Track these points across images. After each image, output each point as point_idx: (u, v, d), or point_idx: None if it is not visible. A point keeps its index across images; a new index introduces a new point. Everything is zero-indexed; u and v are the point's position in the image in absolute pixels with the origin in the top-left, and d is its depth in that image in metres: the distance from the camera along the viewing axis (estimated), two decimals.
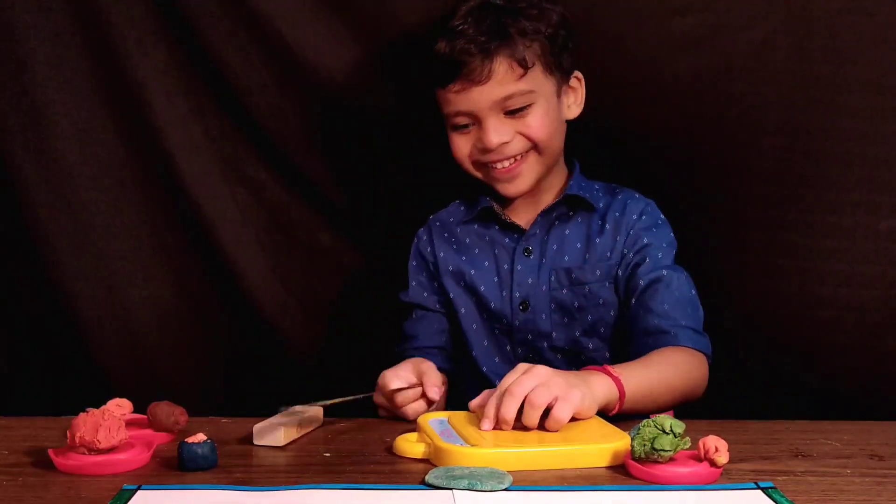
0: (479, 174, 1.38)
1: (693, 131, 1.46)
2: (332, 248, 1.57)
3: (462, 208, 1.45)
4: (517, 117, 1.32)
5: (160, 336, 1.56)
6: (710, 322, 1.45)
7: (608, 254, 1.37)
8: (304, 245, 1.57)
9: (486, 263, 1.41)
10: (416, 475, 0.97)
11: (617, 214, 1.38)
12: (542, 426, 1.05)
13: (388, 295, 1.53)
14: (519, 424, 1.05)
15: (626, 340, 1.34)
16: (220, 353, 1.59)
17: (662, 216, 1.41)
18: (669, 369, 1.24)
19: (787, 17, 1.39)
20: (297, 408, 1.15)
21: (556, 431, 1.04)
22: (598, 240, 1.37)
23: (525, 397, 1.04)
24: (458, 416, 1.10)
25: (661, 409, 1.21)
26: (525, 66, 1.30)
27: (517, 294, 1.38)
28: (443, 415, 1.12)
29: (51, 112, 1.47)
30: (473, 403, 1.11)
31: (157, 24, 1.47)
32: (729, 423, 1.17)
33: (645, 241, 1.36)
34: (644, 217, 1.38)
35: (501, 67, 1.29)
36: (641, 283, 1.33)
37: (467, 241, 1.43)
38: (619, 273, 1.36)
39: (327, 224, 1.56)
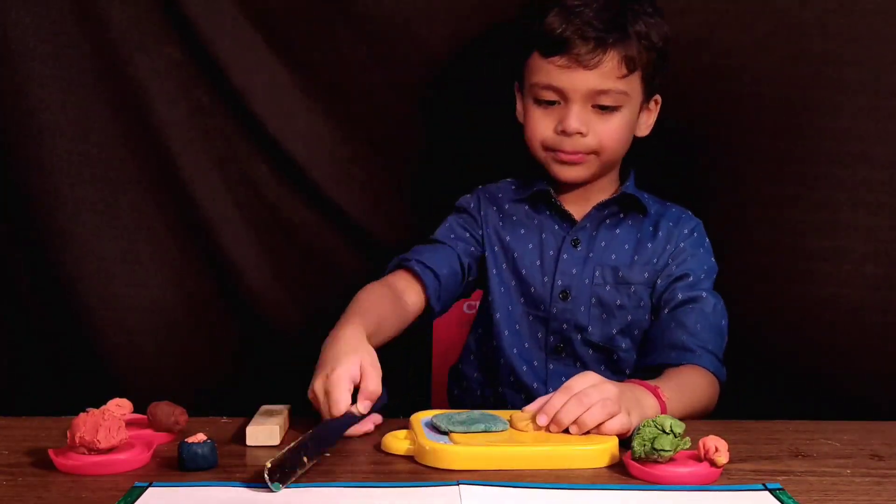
0: (540, 154, 1.36)
1: (693, 131, 1.46)
2: (332, 248, 1.57)
3: (513, 187, 1.44)
4: (602, 114, 1.32)
5: (160, 336, 1.56)
6: None
7: (655, 259, 1.38)
8: (304, 245, 1.56)
9: (531, 246, 1.40)
10: (416, 474, 0.97)
11: (671, 224, 1.39)
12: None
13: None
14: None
15: (648, 345, 1.35)
16: (220, 353, 1.59)
17: (708, 240, 1.42)
18: (698, 394, 1.27)
19: (785, 18, 1.40)
20: (271, 407, 1.16)
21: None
22: (649, 245, 1.38)
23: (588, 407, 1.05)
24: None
25: None
26: (631, 69, 1.30)
27: (559, 282, 1.37)
28: (437, 413, 1.11)
29: (51, 112, 1.47)
30: (531, 408, 1.09)
31: (157, 24, 1.47)
32: (729, 423, 1.17)
33: (689, 258, 1.38)
34: (695, 235, 1.40)
35: (611, 61, 1.29)
36: (679, 296, 1.35)
37: (514, 218, 1.42)
38: (659, 282, 1.37)
39: (327, 224, 1.56)
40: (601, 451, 1.00)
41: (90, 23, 1.46)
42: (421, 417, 1.10)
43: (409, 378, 1.60)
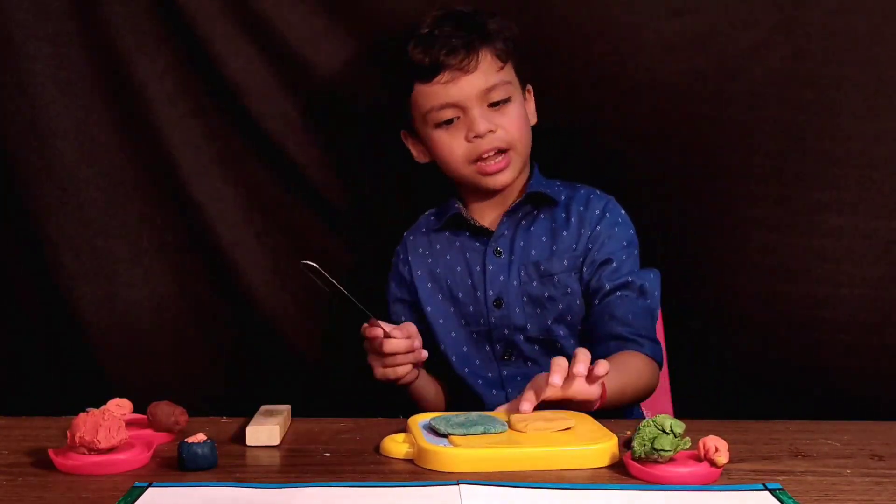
0: (465, 171, 1.40)
1: (692, 131, 1.47)
2: (331, 248, 1.57)
3: (432, 218, 1.50)
4: (498, 111, 1.38)
5: (160, 336, 1.56)
6: (710, 322, 1.45)
7: (574, 246, 1.41)
8: (303, 245, 1.56)
9: (459, 269, 1.45)
10: (416, 475, 0.97)
11: (581, 208, 1.43)
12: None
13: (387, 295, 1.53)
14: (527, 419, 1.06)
15: (589, 337, 1.39)
16: (220, 353, 1.59)
17: (623, 213, 1.44)
18: (636, 375, 1.32)
19: (784, 18, 1.40)
20: (271, 407, 1.16)
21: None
22: (564, 232, 1.42)
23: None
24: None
25: (623, 407, 1.30)
26: (504, 60, 1.38)
27: (490, 293, 1.42)
28: (434, 415, 1.10)
29: (51, 112, 1.48)
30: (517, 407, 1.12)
31: (157, 24, 1.47)
32: (729, 423, 1.17)
33: (607, 239, 1.41)
34: (607, 215, 1.42)
35: (486, 59, 1.37)
36: (606, 286, 1.39)
37: (438, 247, 1.47)
38: (585, 269, 1.40)
39: (327, 224, 1.56)
40: (601, 450, 1.00)
41: (90, 23, 1.46)
42: (418, 420, 1.09)
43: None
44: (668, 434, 0.94)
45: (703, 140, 1.46)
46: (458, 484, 0.93)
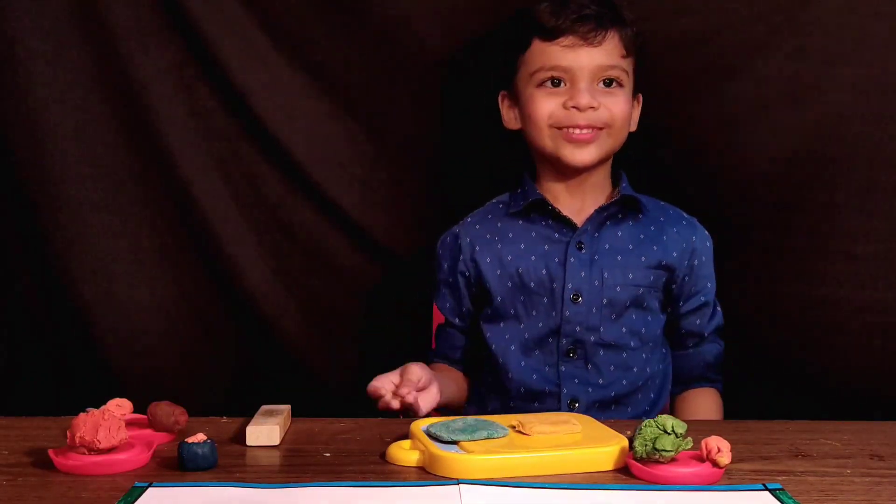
0: (548, 135, 1.37)
1: (693, 131, 1.47)
2: (332, 249, 1.57)
3: (500, 206, 1.45)
4: (607, 91, 1.35)
5: (160, 336, 1.56)
6: None
7: (661, 262, 1.39)
8: (304, 245, 1.56)
9: (534, 258, 1.39)
10: (416, 475, 0.97)
11: (675, 230, 1.42)
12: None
13: (388, 295, 1.52)
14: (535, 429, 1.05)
15: (678, 372, 1.45)
16: (221, 353, 1.59)
17: (708, 236, 1.45)
18: (718, 414, 1.44)
19: (786, 18, 1.40)
20: (271, 407, 1.16)
21: None
22: (654, 247, 1.39)
23: None
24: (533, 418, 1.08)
25: None
26: (628, 51, 1.36)
27: (570, 286, 1.37)
28: (431, 421, 1.09)
29: (51, 112, 1.47)
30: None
31: (157, 24, 1.47)
32: (729, 423, 1.17)
33: (708, 279, 1.44)
34: (707, 244, 1.43)
35: (612, 39, 1.35)
36: (705, 333, 1.45)
37: (510, 235, 1.42)
38: (682, 305, 1.42)
39: (328, 224, 1.56)
40: (616, 452, 0.99)
41: (90, 23, 1.46)
42: (420, 426, 1.08)
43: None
44: (669, 434, 0.94)
45: (703, 140, 1.46)
46: (457, 484, 0.93)
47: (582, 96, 1.33)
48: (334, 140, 1.53)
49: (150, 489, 0.91)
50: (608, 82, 1.35)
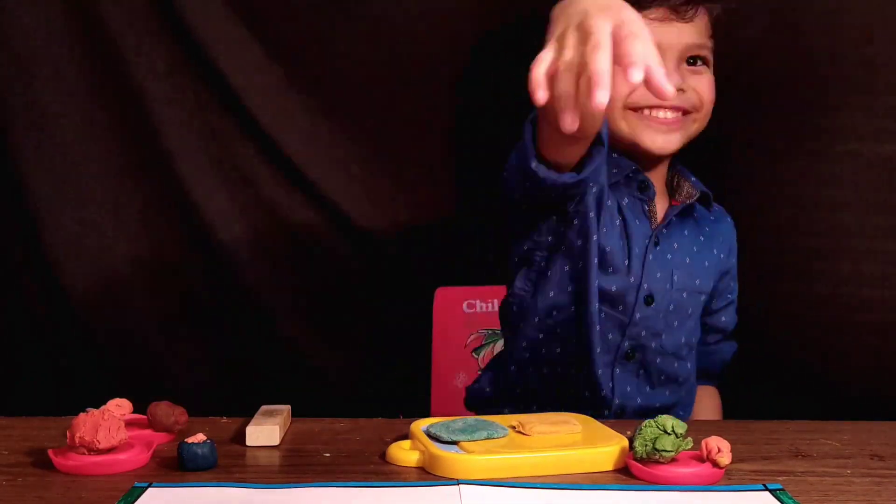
0: (622, 122, 1.23)
1: None
2: (332, 249, 1.57)
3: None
4: (695, 70, 1.25)
5: (160, 336, 1.56)
6: None
7: (718, 265, 1.36)
8: (303, 245, 1.57)
9: (622, 242, 1.23)
10: (416, 475, 0.97)
11: (725, 228, 1.38)
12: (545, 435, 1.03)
13: (388, 295, 1.52)
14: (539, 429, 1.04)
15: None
16: (220, 353, 1.59)
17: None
18: (715, 416, 1.42)
19: (783, 16, 1.40)
20: (271, 407, 1.16)
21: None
22: (714, 250, 1.33)
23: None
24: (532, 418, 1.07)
25: None
26: (715, 32, 1.26)
27: (646, 285, 1.24)
28: (430, 422, 1.08)
29: (51, 112, 1.48)
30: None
31: (157, 24, 1.47)
32: (729, 423, 1.17)
33: (734, 277, 1.41)
34: (735, 240, 1.40)
35: (703, 17, 1.24)
36: (730, 328, 1.44)
37: (609, 203, 1.21)
38: (713, 304, 1.40)
39: (326, 224, 1.56)
40: (618, 451, 0.99)
41: (90, 23, 1.46)
42: (420, 426, 1.08)
43: (408, 379, 1.60)
44: (669, 434, 0.94)
45: (702, 139, 1.46)
46: (457, 484, 0.93)
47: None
48: (333, 140, 1.53)
49: (149, 489, 0.91)
50: (693, 60, 1.24)
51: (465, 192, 1.50)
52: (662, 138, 1.23)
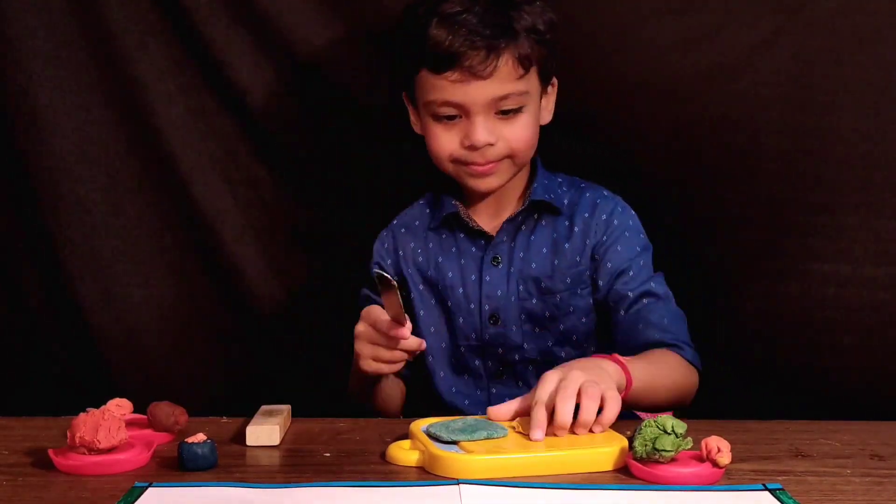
0: (450, 169, 1.31)
1: (693, 131, 1.46)
2: (332, 249, 1.57)
3: (427, 210, 1.39)
4: (506, 119, 1.27)
5: (160, 336, 1.56)
6: (711, 322, 1.45)
7: (577, 258, 1.33)
8: (303, 245, 1.57)
9: (451, 275, 1.34)
10: (416, 475, 0.97)
11: (586, 215, 1.33)
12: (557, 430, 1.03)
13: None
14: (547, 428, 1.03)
15: (622, 350, 1.24)
16: (220, 352, 1.59)
17: (633, 215, 1.36)
18: (669, 371, 1.25)
19: (786, 17, 1.39)
20: (271, 407, 1.16)
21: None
22: (566, 245, 1.32)
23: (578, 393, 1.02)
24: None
25: (656, 408, 1.23)
26: (527, 67, 1.26)
27: (486, 307, 1.32)
28: (430, 422, 1.08)
29: (51, 112, 1.47)
30: (497, 412, 1.08)
31: (157, 23, 1.47)
32: (729, 423, 1.17)
33: (620, 248, 1.32)
34: (615, 221, 1.34)
35: (507, 64, 1.24)
36: (630, 294, 1.31)
37: (431, 245, 1.36)
38: (600, 283, 1.32)
39: (328, 224, 1.56)
40: (618, 452, 0.99)
41: (90, 23, 1.46)
42: (420, 426, 1.08)
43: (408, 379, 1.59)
44: (669, 434, 0.94)
45: (704, 140, 1.46)
46: (457, 484, 0.93)
47: (478, 134, 1.25)
48: (333, 140, 1.53)
49: (149, 489, 0.91)
50: (505, 112, 1.26)
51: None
52: (483, 183, 1.31)
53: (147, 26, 1.47)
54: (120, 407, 1.10)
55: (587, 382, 1.04)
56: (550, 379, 1.06)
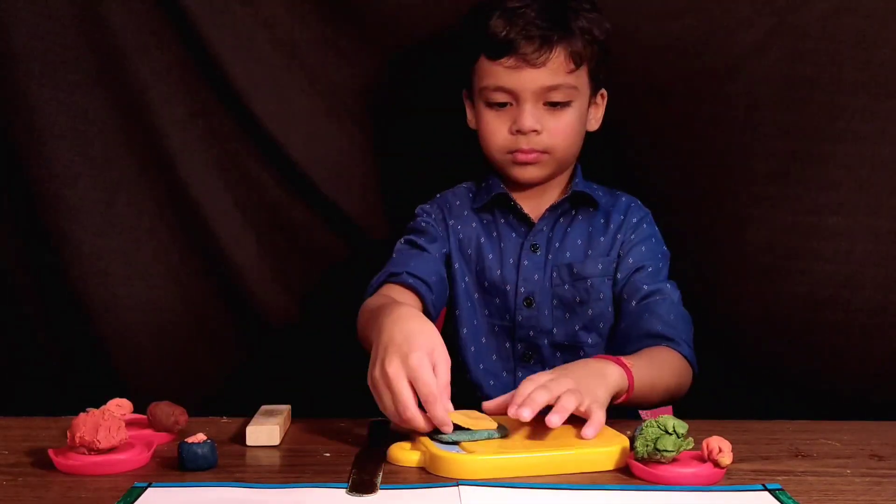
0: (498, 157, 1.37)
1: (692, 132, 1.46)
2: (332, 249, 1.57)
3: (470, 194, 1.45)
4: (553, 111, 1.34)
5: (160, 336, 1.56)
6: (711, 322, 1.45)
7: (608, 251, 1.39)
8: (304, 245, 1.56)
9: (491, 256, 1.40)
10: (416, 475, 0.97)
11: (621, 217, 1.40)
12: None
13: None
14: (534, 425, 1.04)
15: (624, 337, 1.35)
16: (220, 352, 1.59)
17: (657, 229, 1.43)
18: (669, 370, 1.28)
19: (783, 19, 1.40)
20: (271, 407, 1.16)
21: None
22: (601, 238, 1.39)
23: (557, 399, 1.04)
24: (456, 416, 1.08)
25: (655, 405, 1.28)
26: (578, 63, 1.33)
27: (523, 289, 1.38)
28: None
29: (50, 112, 1.47)
30: (491, 405, 1.10)
31: (157, 24, 1.47)
32: (729, 423, 1.17)
33: (643, 248, 1.39)
34: (644, 226, 1.41)
35: (559, 57, 1.31)
36: (644, 287, 1.36)
37: (474, 225, 1.42)
38: (618, 276, 1.38)
39: (327, 224, 1.56)
40: (620, 451, 0.99)
41: (90, 23, 1.46)
42: None
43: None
44: (670, 434, 0.94)
45: (703, 141, 1.46)
46: (457, 485, 0.93)
47: (525, 119, 1.32)
48: (333, 140, 1.53)
49: (149, 489, 0.91)
50: (553, 103, 1.33)
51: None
52: (525, 172, 1.37)
53: (147, 27, 1.47)
54: (120, 407, 1.10)
55: (569, 392, 1.05)
56: (538, 378, 1.08)
